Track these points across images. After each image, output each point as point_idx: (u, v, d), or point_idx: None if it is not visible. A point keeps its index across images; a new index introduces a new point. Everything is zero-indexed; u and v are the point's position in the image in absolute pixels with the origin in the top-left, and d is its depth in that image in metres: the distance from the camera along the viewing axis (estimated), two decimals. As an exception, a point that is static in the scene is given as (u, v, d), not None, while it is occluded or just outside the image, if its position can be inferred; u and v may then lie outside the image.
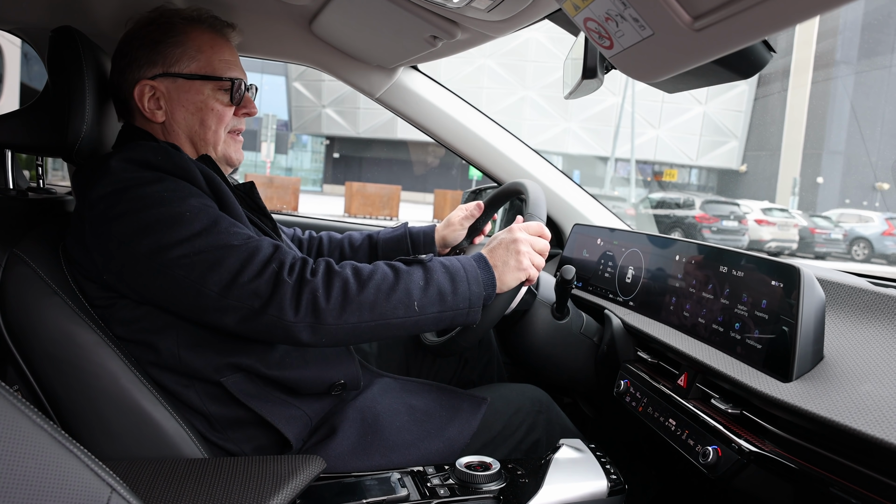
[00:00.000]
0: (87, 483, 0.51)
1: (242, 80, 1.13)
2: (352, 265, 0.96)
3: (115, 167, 0.95)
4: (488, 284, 1.03)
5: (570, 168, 25.40)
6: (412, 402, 1.16)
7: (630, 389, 1.13)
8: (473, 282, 1.00)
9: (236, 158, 1.17)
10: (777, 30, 0.55)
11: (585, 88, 1.11)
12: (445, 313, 0.98)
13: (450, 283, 0.98)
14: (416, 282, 0.96)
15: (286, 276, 0.89)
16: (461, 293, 0.98)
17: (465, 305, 0.99)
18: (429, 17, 1.23)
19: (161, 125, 1.10)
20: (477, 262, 1.04)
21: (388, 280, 0.94)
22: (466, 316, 1.00)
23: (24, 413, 0.49)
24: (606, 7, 0.64)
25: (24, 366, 0.94)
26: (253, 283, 0.88)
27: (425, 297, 0.96)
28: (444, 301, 0.97)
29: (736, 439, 0.85)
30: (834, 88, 23.85)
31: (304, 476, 0.86)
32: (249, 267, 0.89)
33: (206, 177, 1.01)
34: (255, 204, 1.16)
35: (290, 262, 0.92)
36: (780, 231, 15.07)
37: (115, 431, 0.94)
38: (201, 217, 0.92)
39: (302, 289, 0.89)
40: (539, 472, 0.99)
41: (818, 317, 0.86)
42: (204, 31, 1.12)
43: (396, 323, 0.94)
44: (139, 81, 1.07)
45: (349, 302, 0.91)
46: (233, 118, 1.14)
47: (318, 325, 0.89)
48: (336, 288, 0.91)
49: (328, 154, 32.13)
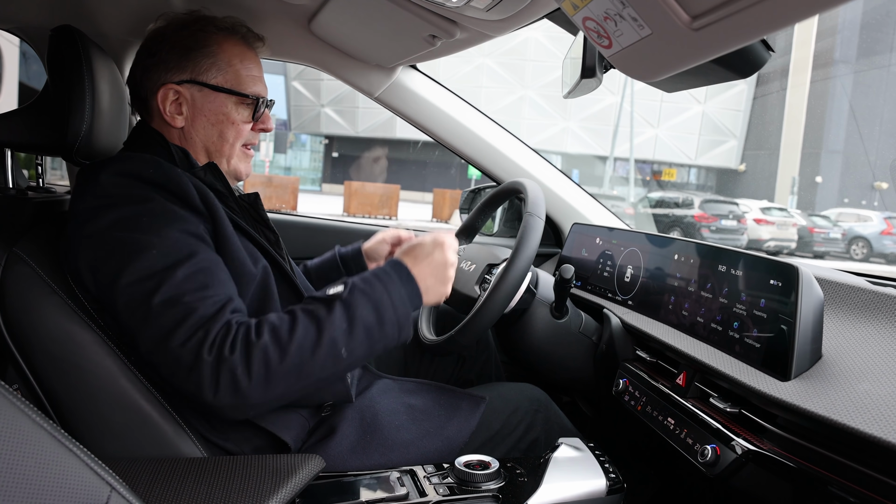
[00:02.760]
0: (86, 482, 0.51)
1: (264, 98, 1.12)
2: (270, 326, 0.88)
3: (104, 181, 0.94)
4: (413, 297, 0.98)
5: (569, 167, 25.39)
6: (411, 402, 1.16)
7: (629, 388, 1.14)
8: (399, 303, 0.95)
9: (245, 172, 1.16)
10: (775, 29, 0.55)
11: (584, 88, 1.11)
12: (376, 346, 0.93)
13: (374, 315, 0.92)
14: (339, 327, 0.89)
15: (206, 353, 0.84)
16: (388, 321, 0.93)
17: (395, 332, 0.94)
18: (428, 17, 1.23)
19: (179, 130, 1.09)
20: (399, 275, 0.98)
21: (310, 336, 0.88)
22: (398, 339, 0.96)
23: (24, 412, 0.49)
24: (605, 6, 0.64)
25: (24, 365, 0.94)
26: (179, 349, 0.84)
27: (352, 340, 0.90)
28: (371, 337, 0.92)
29: (734, 438, 0.85)
30: (832, 88, 23.87)
31: (303, 475, 0.86)
32: (179, 330, 0.85)
33: (201, 193, 0.99)
34: (259, 216, 1.14)
35: (213, 335, 0.85)
36: (779, 230, 15.07)
37: (115, 430, 0.94)
38: (168, 256, 0.89)
39: (220, 368, 0.84)
40: (538, 471, 0.99)
41: (817, 316, 0.86)
42: (236, 44, 1.11)
43: (326, 376, 0.90)
44: (164, 84, 1.06)
45: (272, 373, 0.85)
46: (249, 133, 1.13)
47: (239, 403, 0.85)
48: (256, 362, 0.85)
49: (327, 153, 32.12)
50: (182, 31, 1.08)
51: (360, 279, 0.96)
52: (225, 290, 0.92)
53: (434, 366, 1.48)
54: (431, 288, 1.01)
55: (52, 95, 1.07)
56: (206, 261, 0.93)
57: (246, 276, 1.01)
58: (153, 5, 1.42)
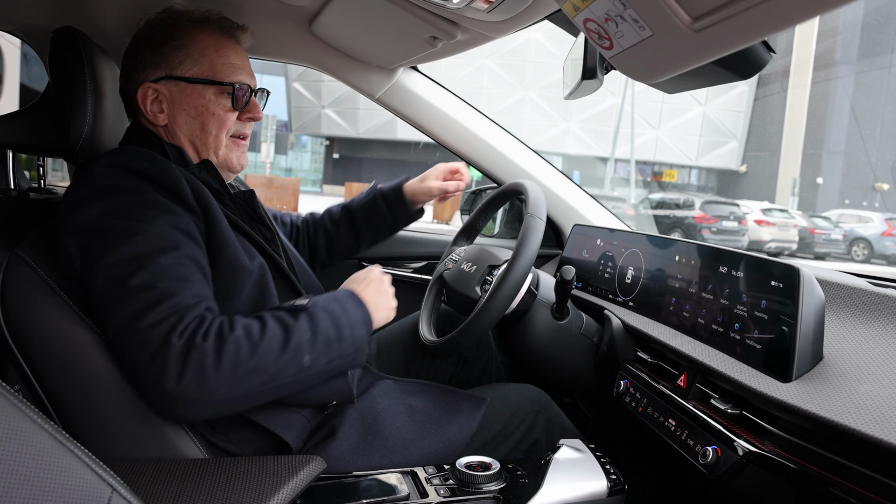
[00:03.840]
0: (87, 483, 0.51)
1: (247, 85, 1.11)
2: (243, 324, 0.89)
3: (96, 172, 0.94)
4: (367, 322, 1.03)
5: (570, 168, 25.38)
6: (412, 403, 1.16)
7: (630, 389, 1.14)
8: (357, 324, 0.99)
9: (238, 164, 1.15)
10: (777, 30, 0.55)
11: (585, 89, 1.11)
12: (333, 362, 0.96)
13: (335, 330, 0.96)
14: (304, 335, 0.92)
15: (175, 338, 0.83)
16: (346, 338, 0.97)
17: (352, 350, 0.98)
18: (429, 18, 1.23)
19: (164, 128, 1.09)
20: (351, 299, 1.03)
21: (278, 338, 0.90)
22: (353, 360, 0.99)
23: (26, 413, 0.49)
24: (606, 8, 0.65)
25: (26, 366, 0.94)
26: (148, 331, 0.83)
27: (314, 350, 0.92)
28: (331, 351, 0.95)
29: (735, 439, 0.85)
30: (833, 89, 23.86)
31: (304, 476, 0.86)
32: (152, 312, 0.84)
33: (194, 189, 0.99)
34: (255, 213, 1.15)
35: (187, 322, 0.85)
36: (780, 231, 15.06)
37: (116, 431, 0.94)
38: (152, 242, 0.89)
39: (189, 355, 0.83)
40: (539, 473, 0.99)
41: (818, 317, 0.86)
42: (211, 34, 1.10)
43: (286, 383, 0.91)
44: (142, 84, 1.07)
45: (241, 368, 0.85)
46: (236, 122, 1.12)
47: (201, 396, 0.83)
48: (228, 354, 0.84)
49: (328, 155, 32.13)
50: (155, 28, 1.09)
51: (321, 298, 1.00)
52: (204, 289, 0.93)
53: (435, 367, 1.48)
54: (379, 303, 1.07)
55: (54, 97, 1.07)
56: (190, 256, 0.93)
57: (242, 272, 1.01)
58: (154, 6, 1.42)
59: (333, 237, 1.55)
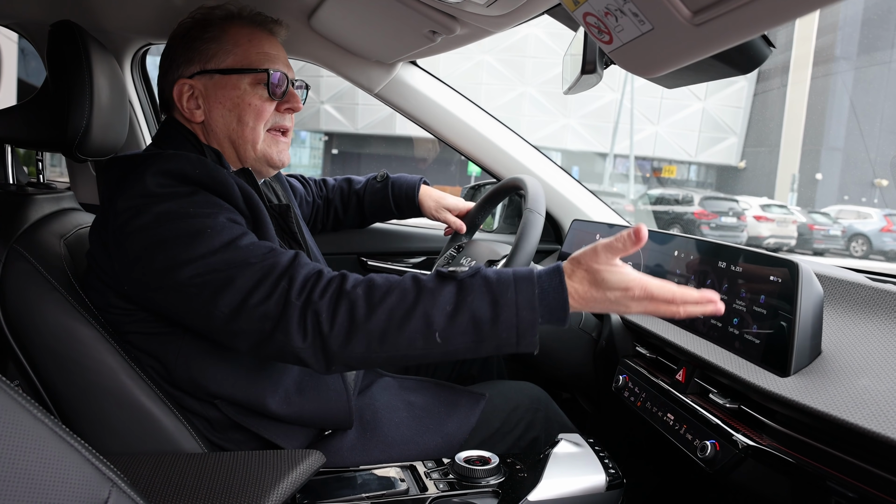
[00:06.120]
0: (88, 477, 0.51)
1: (283, 73, 1.07)
2: (367, 283, 0.84)
3: (149, 180, 0.90)
4: (555, 309, 0.82)
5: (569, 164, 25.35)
6: (411, 399, 1.16)
7: (628, 384, 1.14)
8: (525, 305, 0.81)
9: (278, 159, 1.09)
10: (776, 25, 0.55)
11: (584, 84, 1.10)
12: (483, 344, 0.81)
13: (490, 308, 0.80)
14: (441, 306, 0.80)
15: (295, 297, 0.82)
16: (505, 321, 0.80)
17: (513, 335, 0.81)
18: (428, 12, 1.23)
19: (201, 125, 1.06)
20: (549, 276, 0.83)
21: (404, 304, 0.81)
22: (516, 346, 0.82)
23: (25, 408, 0.49)
24: (606, 2, 0.64)
25: (25, 361, 0.94)
26: (263, 305, 0.82)
27: (451, 326, 0.80)
28: (479, 331, 0.80)
29: (734, 434, 0.85)
30: (833, 84, 23.83)
31: (303, 470, 0.86)
32: (262, 286, 0.82)
33: (245, 193, 0.97)
34: (287, 227, 1.12)
35: (301, 279, 0.83)
36: (779, 227, 15.06)
37: (116, 426, 0.94)
38: (223, 233, 0.87)
39: (306, 311, 0.81)
40: (538, 467, 0.99)
41: (816, 312, 0.86)
42: (243, 26, 1.07)
43: (417, 354, 0.81)
44: (178, 81, 1.05)
45: (355, 329, 0.80)
46: (274, 114, 1.08)
47: (324, 352, 0.81)
48: (342, 312, 0.81)
49: (327, 150, 32.07)
50: (187, 26, 1.07)
51: (494, 271, 0.85)
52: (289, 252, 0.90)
53: (435, 363, 1.48)
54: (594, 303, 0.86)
55: (52, 91, 1.07)
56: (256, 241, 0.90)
57: None
58: (152, 0, 1.41)
59: (342, 219, 1.62)
